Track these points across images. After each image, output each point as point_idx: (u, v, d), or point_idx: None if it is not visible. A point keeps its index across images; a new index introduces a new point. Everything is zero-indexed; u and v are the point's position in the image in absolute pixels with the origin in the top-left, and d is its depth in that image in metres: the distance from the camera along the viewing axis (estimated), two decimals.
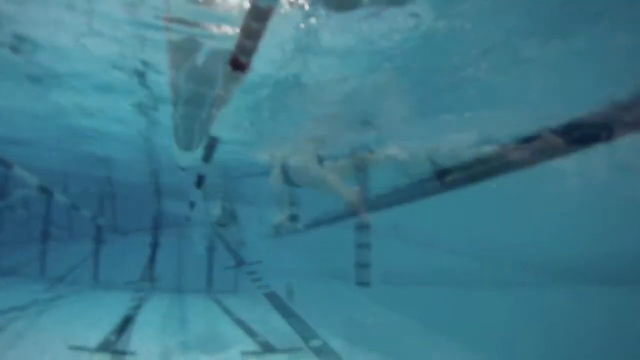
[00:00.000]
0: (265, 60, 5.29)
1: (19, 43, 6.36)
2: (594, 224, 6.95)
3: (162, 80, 7.28)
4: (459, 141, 8.52)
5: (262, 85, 6.11)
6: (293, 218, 12.77)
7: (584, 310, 6.83)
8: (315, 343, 13.75)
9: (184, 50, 5.72)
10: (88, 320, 16.00)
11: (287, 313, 19.75)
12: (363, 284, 13.42)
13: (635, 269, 6.29)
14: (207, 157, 7.67)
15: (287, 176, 12.81)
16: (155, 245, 32.89)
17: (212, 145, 6.90)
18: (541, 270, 7.59)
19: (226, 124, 6.06)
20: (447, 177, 9.00)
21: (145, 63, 6.42)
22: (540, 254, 7.72)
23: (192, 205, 13.79)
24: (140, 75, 6.85)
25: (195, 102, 7.26)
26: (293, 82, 6.09)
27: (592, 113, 7.26)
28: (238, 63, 4.27)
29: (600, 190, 6.87)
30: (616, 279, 6.51)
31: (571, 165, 7.08)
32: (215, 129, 6.14)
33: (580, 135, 7.32)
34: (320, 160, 12.09)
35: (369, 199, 10.28)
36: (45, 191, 13.25)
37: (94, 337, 12.69)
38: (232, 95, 4.99)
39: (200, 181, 9.80)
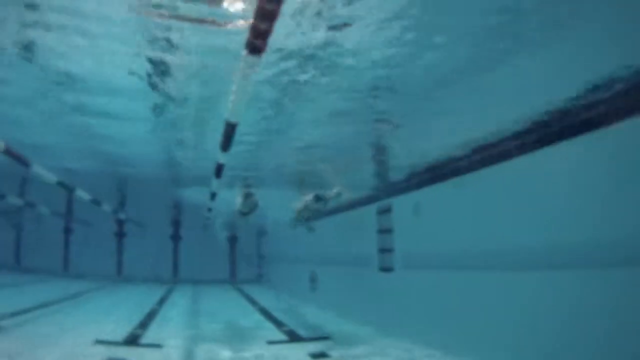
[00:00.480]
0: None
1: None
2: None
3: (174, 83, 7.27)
4: None
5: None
6: (318, 199, 13.05)
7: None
8: (341, 331, 13.72)
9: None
10: (114, 314, 16.06)
11: (311, 301, 19.73)
12: (387, 269, 13.36)
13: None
14: (225, 144, 7.54)
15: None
16: (177, 238, 33.02)
17: (230, 132, 6.74)
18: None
19: (244, 110, 5.92)
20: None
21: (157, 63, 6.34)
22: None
23: (213, 196, 13.58)
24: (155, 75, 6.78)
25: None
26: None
27: None
28: (254, 47, 4.19)
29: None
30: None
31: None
32: (233, 115, 6.02)
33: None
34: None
35: None
36: (66, 187, 13.21)
37: (121, 331, 12.72)
38: (250, 81, 4.91)
39: (219, 170, 9.64)
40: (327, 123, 8.64)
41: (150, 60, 6.15)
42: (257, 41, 4.12)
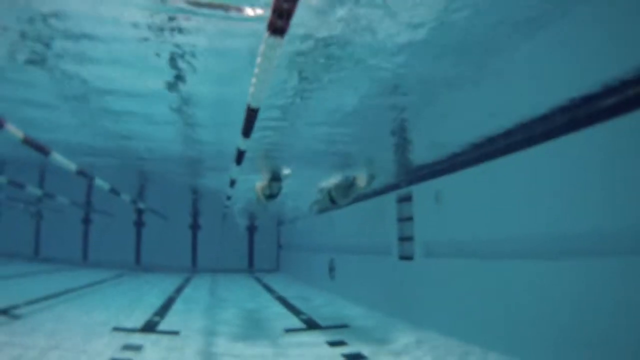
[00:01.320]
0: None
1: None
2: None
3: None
4: None
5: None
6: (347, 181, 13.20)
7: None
8: (359, 320, 13.71)
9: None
10: (131, 302, 16.13)
11: (330, 290, 19.75)
12: (406, 258, 13.32)
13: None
14: (246, 130, 7.46)
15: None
16: (195, 227, 33.13)
17: (251, 117, 6.66)
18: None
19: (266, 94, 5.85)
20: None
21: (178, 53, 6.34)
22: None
23: (232, 183, 13.50)
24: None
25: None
26: None
27: None
28: (276, 27, 4.14)
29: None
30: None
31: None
32: (254, 101, 5.95)
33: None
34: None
35: None
36: (85, 176, 13.22)
37: (137, 318, 12.78)
38: (272, 64, 4.85)
39: (240, 157, 9.54)
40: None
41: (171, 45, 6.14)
42: (279, 21, 4.05)
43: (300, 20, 4.96)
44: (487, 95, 7.73)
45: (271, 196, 13.82)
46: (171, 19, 5.43)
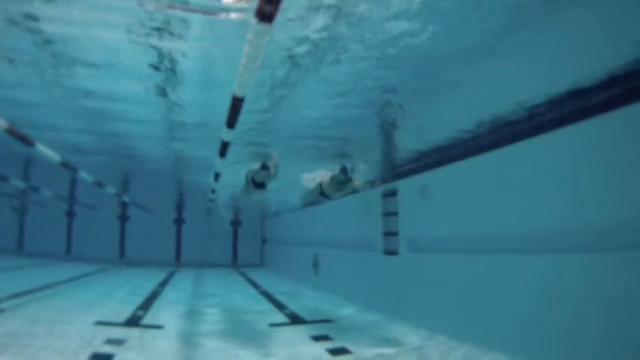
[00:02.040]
0: None
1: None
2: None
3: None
4: None
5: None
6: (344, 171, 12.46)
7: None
8: (344, 316, 13.69)
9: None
10: (115, 296, 16.05)
11: (313, 285, 19.73)
12: (391, 253, 13.31)
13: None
14: (231, 121, 7.36)
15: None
16: (180, 222, 33.04)
17: (236, 107, 6.55)
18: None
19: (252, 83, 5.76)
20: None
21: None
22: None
23: (216, 176, 13.36)
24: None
25: None
26: None
27: None
28: (264, 13, 4.08)
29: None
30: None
31: None
32: (240, 90, 5.87)
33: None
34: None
35: None
36: (69, 168, 13.11)
37: (122, 313, 12.71)
38: (260, 52, 4.79)
39: (224, 149, 9.42)
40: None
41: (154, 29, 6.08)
42: (267, 7, 3.97)
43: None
44: (471, 92, 7.76)
45: (259, 184, 13.30)
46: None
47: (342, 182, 12.77)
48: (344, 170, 12.30)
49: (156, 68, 7.40)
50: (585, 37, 5.84)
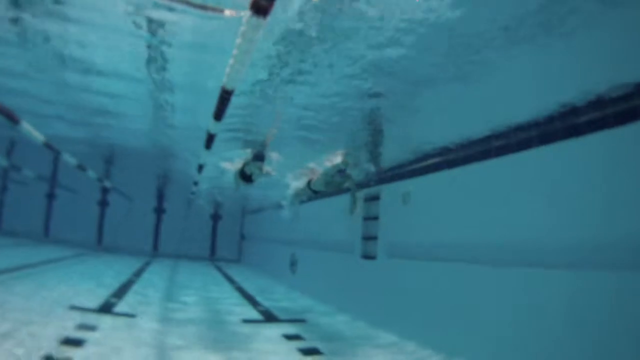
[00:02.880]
0: None
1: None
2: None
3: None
4: None
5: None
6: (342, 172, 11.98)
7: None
8: (318, 315, 13.69)
9: None
10: (91, 282, 15.97)
11: (289, 284, 19.72)
12: (369, 257, 13.30)
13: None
14: (218, 113, 7.31)
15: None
16: (160, 211, 32.92)
17: (225, 99, 6.49)
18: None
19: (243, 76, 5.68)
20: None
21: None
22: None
23: (200, 168, 13.27)
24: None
25: None
26: None
27: None
28: (259, 7, 4.05)
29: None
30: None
31: None
32: (230, 82, 5.81)
33: None
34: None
35: None
36: (52, 150, 13.04)
37: (96, 299, 12.65)
38: (253, 45, 4.74)
39: (210, 141, 9.35)
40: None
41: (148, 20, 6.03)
42: (263, 1, 3.95)
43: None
44: (459, 104, 7.82)
45: (248, 177, 12.36)
46: None
47: (337, 182, 12.31)
48: (340, 170, 11.91)
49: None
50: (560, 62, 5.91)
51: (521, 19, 5.22)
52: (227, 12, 5.13)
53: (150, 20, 6.08)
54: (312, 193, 13.50)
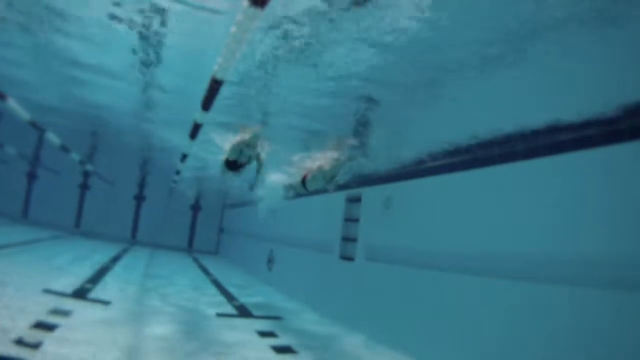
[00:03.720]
0: None
1: None
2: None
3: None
4: None
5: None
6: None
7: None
8: (291, 313, 13.68)
9: None
10: (66, 266, 15.88)
11: (266, 280, 19.69)
12: (347, 258, 13.28)
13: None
14: (206, 103, 7.25)
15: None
16: (140, 199, 32.75)
17: (214, 89, 6.42)
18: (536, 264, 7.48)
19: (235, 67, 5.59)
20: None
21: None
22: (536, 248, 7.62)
23: (183, 157, 13.16)
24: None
25: None
26: None
27: None
28: None
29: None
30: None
31: None
32: (221, 72, 5.75)
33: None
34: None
35: None
36: (37, 128, 12.94)
37: (71, 283, 12.57)
38: (248, 36, 4.68)
39: (195, 131, 9.26)
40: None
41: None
42: None
43: None
44: (446, 113, 7.83)
45: (234, 166, 11.08)
46: None
47: (332, 169, 11.39)
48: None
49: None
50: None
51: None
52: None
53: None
54: (305, 190, 12.41)
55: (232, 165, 10.88)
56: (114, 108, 11.44)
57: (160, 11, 5.85)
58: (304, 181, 11.76)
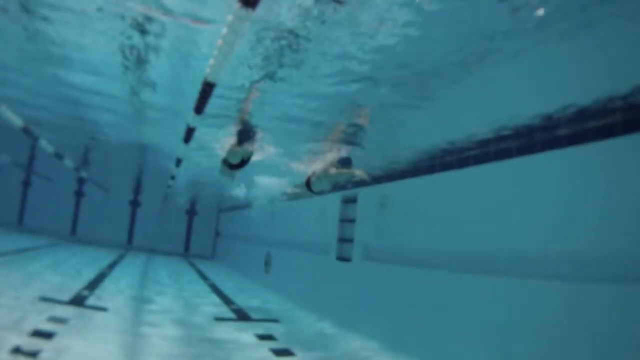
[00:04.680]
0: None
1: None
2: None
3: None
4: None
5: None
6: (345, 162, 10.77)
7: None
8: (290, 315, 13.66)
9: None
10: (63, 273, 15.83)
11: (264, 283, 19.66)
12: (344, 259, 13.26)
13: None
14: (199, 106, 7.21)
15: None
16: (136, 204, 32.72)
17: (206, 92, 6.38)
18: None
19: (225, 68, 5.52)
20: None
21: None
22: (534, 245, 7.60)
23: (178, 162, 13.11)
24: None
25: None
26: None
27: None
28: None
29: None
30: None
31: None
32: (212, 75, 5.70)
33: None
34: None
35: None
36: (30, 135, 12.90)
37: (67, 291, 12.54)
38: (239, 37, 4.64)
39: (189, 135, 9.19)
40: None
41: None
42: None
43: None
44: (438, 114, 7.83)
45: (232, 164, 10.72)
46: None
47: (339, 175, 10.74)
48: (344, 161, 10.74)
49: None
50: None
51: None
52: None
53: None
54: (308, 190, 11.70)
55: (232, 165, 10.64)
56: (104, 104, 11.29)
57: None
58: (308, 182, 11.28)
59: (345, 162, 10.81)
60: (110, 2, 5.43)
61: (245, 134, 10.55)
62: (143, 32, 6.15)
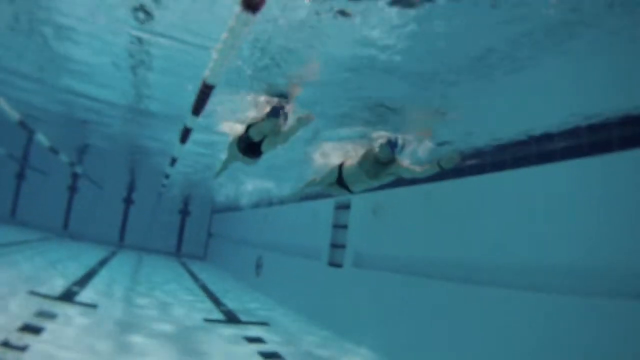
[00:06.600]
0: None
1: None
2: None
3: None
4: None
5: None
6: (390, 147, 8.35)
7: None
8: (279, 319, 13.65)
9: None
10: (53, 268, 15.80)
11: (254, 286, 19.65)
12: (335, 265, 13.26)
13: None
14: (197, 108, 7.17)
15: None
16: (129, 202, 32.66)
17: (205, 94, 6.34)
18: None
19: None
20: None
21: None
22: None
23: (173, 162, 13.06)
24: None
25: None
26: None
27: None
28: (250, 2, 3.95)
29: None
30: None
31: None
32: (212, 77, 5.67)
33: None
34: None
35: None
36: (26, 129, 12.87)
37: (58, 286, 12.51)
38: (240, 40, 4.61)
39: (185, 135, 9.10)
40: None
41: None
42: None
43: None
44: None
45: (253, 146, 8.28)
46: None
47: (381, 165, 8.64)
48: (390, 145, 8.39)
49: None
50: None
51: None
52: None
53: None
54: (339, 186, 9.50)
55: (251, 146, 8.26)
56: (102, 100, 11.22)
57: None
58: (340, 169, 9.19)
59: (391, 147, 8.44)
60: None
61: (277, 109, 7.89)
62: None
